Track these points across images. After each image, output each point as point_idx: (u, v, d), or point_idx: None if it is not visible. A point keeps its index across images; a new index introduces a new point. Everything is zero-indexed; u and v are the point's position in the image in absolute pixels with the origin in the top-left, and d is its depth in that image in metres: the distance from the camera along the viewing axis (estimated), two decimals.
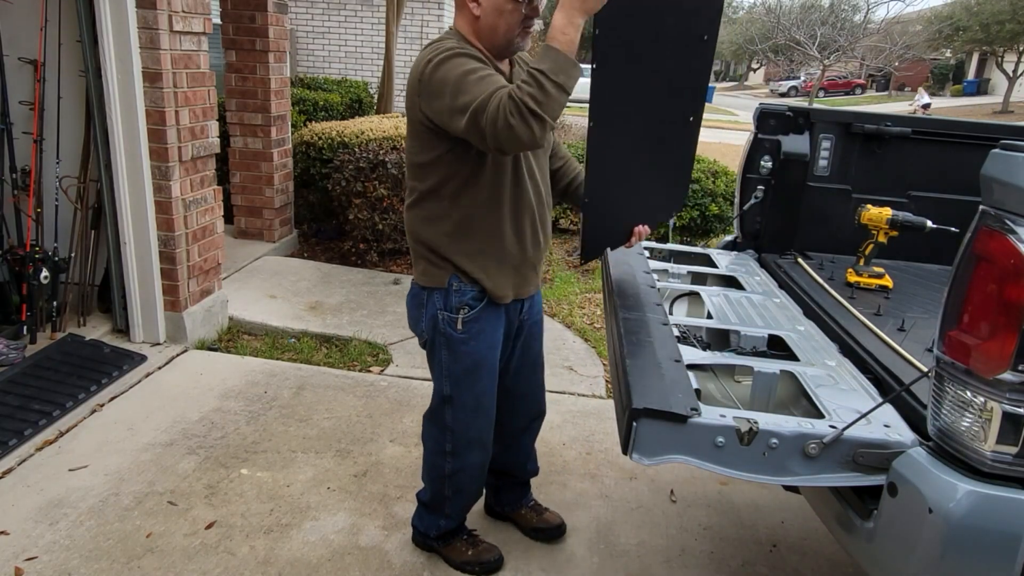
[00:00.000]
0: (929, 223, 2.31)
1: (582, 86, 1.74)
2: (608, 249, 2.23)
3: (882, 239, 2.39)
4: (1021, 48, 27.65)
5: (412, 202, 2.04)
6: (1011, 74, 27.56)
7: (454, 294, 2.01)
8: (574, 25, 1.61)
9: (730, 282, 2.50)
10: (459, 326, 2.02)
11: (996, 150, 1.35)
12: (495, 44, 1.87)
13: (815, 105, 3.59)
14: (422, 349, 2.16)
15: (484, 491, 2.56)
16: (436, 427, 2.20)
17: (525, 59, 2.05)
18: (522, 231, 2.02)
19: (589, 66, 1.67)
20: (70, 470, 2.71)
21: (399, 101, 11.07)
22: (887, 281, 2.37)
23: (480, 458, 2.23)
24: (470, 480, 2.26)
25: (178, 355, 3.69)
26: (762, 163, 2.68)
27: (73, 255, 3.73)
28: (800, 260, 2.62)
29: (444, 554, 2.36)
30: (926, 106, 25.01)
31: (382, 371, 3.73)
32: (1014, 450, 1.29)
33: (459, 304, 2.01)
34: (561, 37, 1.62)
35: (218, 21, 5.11)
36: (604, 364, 3.88)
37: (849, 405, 1.57)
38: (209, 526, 2.46)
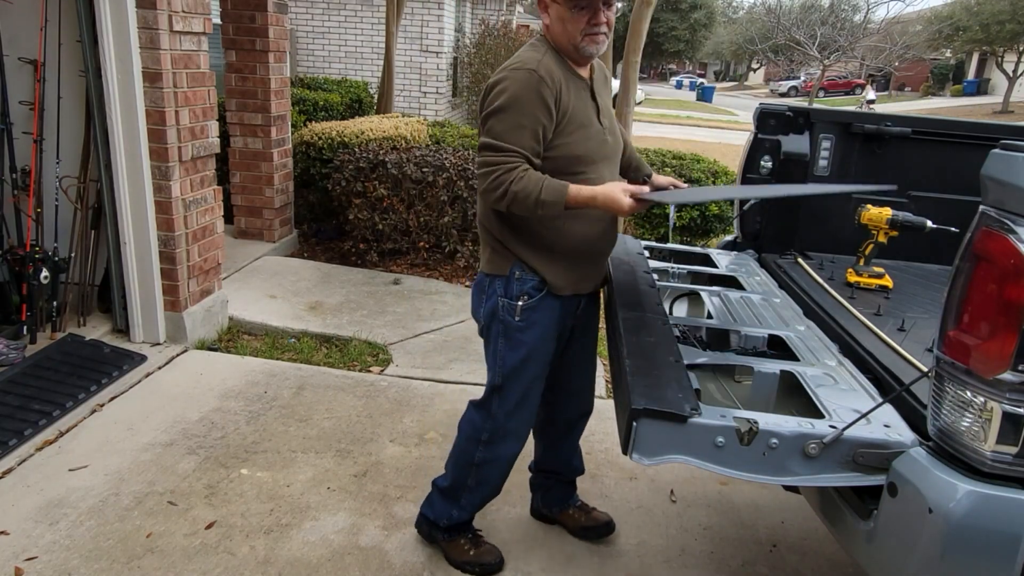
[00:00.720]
0: (929, 223, 2.31)
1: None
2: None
3: (882, 239, 2.39)
4: (1021, 48, 27.62)
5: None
6: (1011, 74, 27.54)
7: (515, 282, 2.06)
8: (588, 203, 1.87)
9: (730, 282, 2.50)
10: (517, 314, 2.06)
11: (996, 150, 1.35)
12: (564, 49, 1.97)
13: (815, 105, 3.59)
14: (480, 337, 2.22)
15: (531, 495, 2.62)
16: (479, 414, 2.22)
17: (603, 68, 2.18)
18: (587, 232, 2.07)
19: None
20: (70, 470, 2.71)
21: (399, 101, 11.08)
22: (887, 281, 2.37)
23: (512, 451, 2.23)
24: (497, 474, 2.26)
25: (178, 355, 3.69)
26: (762, 163, 2.67)
27: (73, 255, 3.73)
28: (800, 260, 2.62)
29: (445, 550, 2.36)
30: (871, 102, 27.35)
31: (382, 371, 3.73)
32: (1014, 450, 1.29)
33: (519, 292, 2.06)
34: (572, 200, 1.87)
35: (218, 21, 5.11)
36: (604, 364, 3.88)
37: (849, 405, 1.57)
38: (209, 526, 2.46)
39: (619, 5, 1.96)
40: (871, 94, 28.40)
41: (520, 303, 2.06)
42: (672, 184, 2.47)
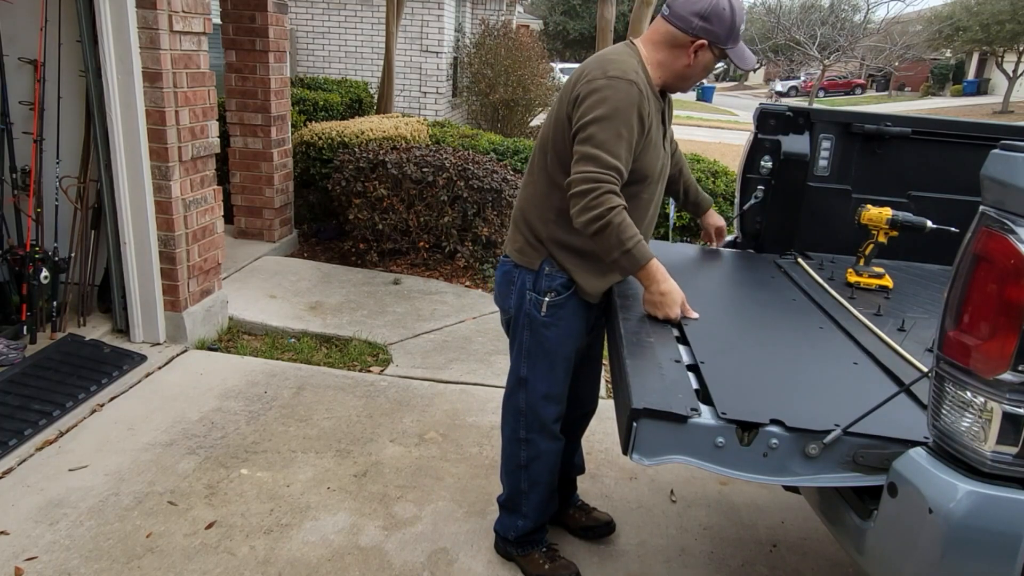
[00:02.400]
0: (929, 223, 2.31)
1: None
2: None
3: (882, 239, 2.38)
4: (1021, 48, 27.63)
5: (534, 179, 2.11)
6: (1011, 74, 27.54)
7: (544, 278, 2.08)
8: (650, 283, 1.91)
9: None
10: (543, 310, 2.09)
11: (996, 150, 1.34)
12: (677, 86, 2.02)
13: (815, 105, 3.59)
14: (503, 329, 2.25)
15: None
16: (511, 412, 2.24)
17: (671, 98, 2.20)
18: None
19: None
20: (70, 470, 2.71)
21: (399, 101, 11.09)
22: (887, 281, 2.37)
23: (553, 446, 2.24)
24: (546, 470, 2.26)
25: (178, 355, 3.69)
26: (762, 163, 2.67)
27: (73, 255, 3.73)
28: (800, 260, 2.62)
29: (522, 565, 2.35)
30: (780, 93, 33.29)
31: (382, 371, 3.73)
32: (1014, 450, 1.29)
33: (547, 288, 2.08)
34: (646, 271, 1.90)
35: (218, 21, 5.12)
36: (604, 364, 3.88)
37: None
38: (209, 526, 2.46)
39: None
40: (779, 86, 32.90)
41: (547, 299, 2.08)
42: (716, 230, 2.55)
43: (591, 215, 1.87)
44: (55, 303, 3.62)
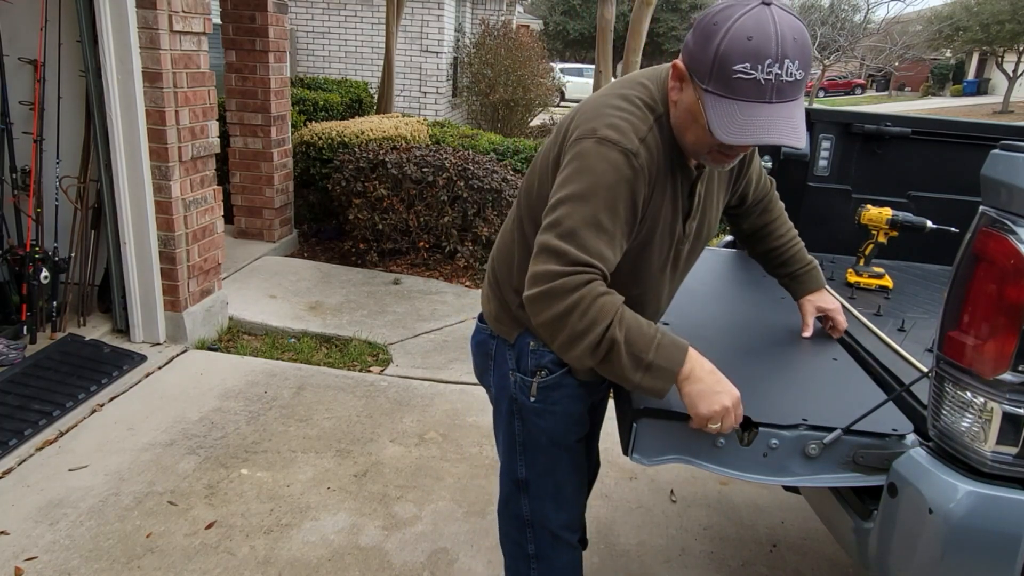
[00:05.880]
0: (929, 223, 2.31)
1: None
2: None
3: (882, 239, 2.38)
4: (1021, 48, 27.64)
5: (510, 229, 1.64)
6: (1011, 74, 27.55)
7: (530, 355, 1.60)
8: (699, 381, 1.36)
9: None
10: (532, 394, 1.61)
11: (996, 151, 1.34)
12: (682, 142, 1.42)
13: (815, 105, 3.59)
14: (492, 405, 1.79)
15: None
16: (513, 522, 1.76)
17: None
18: None
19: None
20: (70, 470, 2.72)
21: (399, 101, 11.10)
22: (887, 281, 2.37)
23: (570, 557, 1.77)
24: None
25: (178, 355, 3.69)
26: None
27: (73, 255, 3.73)
28: None
29: None
30: None
31: (382, 371, 3.73)
32: (1014, 450, 1.29)
33: (535, 367, 1.60)
34: (686, 373, 1.34)
35: (218, 21, 5.12)
36: None
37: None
38: (209, 526, 2.46)
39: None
40: None
41: (536, 380, 1.60)
42: (820, 312, 1.87)
43: (585, 343, 1.31)
44: (55, 303, 3.62)
